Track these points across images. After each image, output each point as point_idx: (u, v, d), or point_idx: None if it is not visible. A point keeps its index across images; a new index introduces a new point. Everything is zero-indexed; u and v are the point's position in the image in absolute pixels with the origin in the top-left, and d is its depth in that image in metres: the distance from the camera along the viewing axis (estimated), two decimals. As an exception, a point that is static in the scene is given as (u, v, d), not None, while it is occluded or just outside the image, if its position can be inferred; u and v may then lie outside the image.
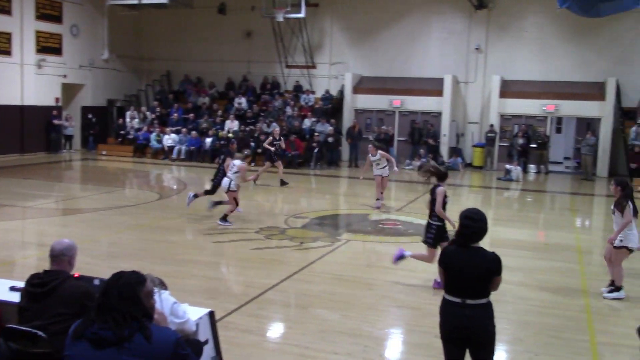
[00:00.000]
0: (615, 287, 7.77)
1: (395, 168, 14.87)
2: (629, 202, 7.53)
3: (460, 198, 18.23)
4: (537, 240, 12.16)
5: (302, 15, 25.04)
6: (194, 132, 24.13)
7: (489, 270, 4.26)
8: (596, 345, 6.22)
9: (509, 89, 24.15)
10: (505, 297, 7.37)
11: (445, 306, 4.39)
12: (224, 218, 11.51)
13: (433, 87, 24.59)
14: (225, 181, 11.60)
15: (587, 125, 23.74)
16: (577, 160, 23.97)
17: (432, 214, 8.04)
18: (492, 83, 24.10)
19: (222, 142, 23.13)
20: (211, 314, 4.71)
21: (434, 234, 8.01)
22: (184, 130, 24.36)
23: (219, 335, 4.77)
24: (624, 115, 22.71)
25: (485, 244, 4.41)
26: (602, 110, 22.75)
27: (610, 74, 22.74)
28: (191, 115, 25.65)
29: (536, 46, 24.38)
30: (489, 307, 4.32)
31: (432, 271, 8.89)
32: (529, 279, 8.52)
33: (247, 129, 24.09)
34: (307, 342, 6.08)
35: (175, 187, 18.26)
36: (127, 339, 3.12)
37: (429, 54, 25.66)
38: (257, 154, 22.64)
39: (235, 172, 11.44)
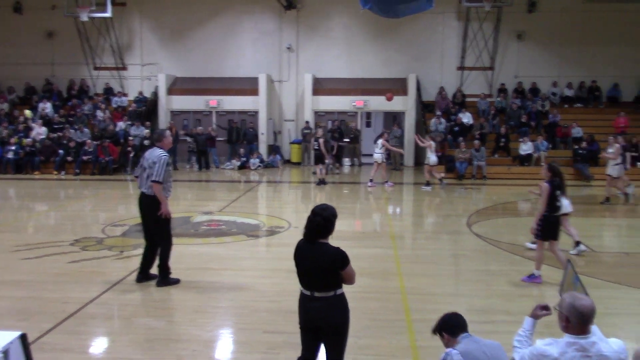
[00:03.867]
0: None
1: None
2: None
3: (281, 194, 18.67)
4: (355, 229, 12.76)
5: (108, 14, 24.06)
6: (-8, 142, 22.06)
7: (329, 264, 4.43)
8: (411, 323, 6.69)
9: (321, 87, 25.12)
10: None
11: (300, 298, 4.61)
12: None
13: (248, 86, 24.84)
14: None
15: (394, 119, 25.42)
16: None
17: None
18: (305, 81, 24.91)
19: (27, 151, 21.43)
20: (23, 337, 4.37)
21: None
22: (-21, 139, 22.15)
23: (33, 359, 4.44)
24: (424, 108, 24.67)
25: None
26: (405, 105, 24.50)
27: (410, 71, 24.59)
28: (-12, 123, 23.43)
29: (344, 45, 25.62)
30: (337, 299, 4.54)
31: (259, 269, 9.01)
32: (349, 267, 8.90)
33: (55, 135, 22.55)
34: (133, 354, 5.86)
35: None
36: None
37: (242, 53, 25.85)
38: (66, 162, 21.37)
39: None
